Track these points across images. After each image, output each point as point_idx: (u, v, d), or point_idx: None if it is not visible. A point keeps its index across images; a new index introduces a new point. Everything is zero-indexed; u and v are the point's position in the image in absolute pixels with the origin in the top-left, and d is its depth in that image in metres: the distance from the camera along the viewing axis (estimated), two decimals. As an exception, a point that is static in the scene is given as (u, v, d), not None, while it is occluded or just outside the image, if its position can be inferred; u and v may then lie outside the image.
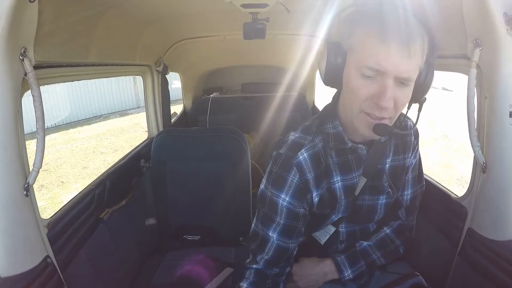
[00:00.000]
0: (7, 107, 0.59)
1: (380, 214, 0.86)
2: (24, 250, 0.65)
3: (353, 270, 0.84)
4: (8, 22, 0.56)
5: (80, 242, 0.91)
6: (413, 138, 0.84)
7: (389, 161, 0.81)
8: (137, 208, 1.29)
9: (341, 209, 0.80)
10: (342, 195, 0.78)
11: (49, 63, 0.77)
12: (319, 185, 0.76)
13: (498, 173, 0.71)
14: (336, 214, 0.81)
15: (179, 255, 1.28)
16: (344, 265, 0.84)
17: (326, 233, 0.86)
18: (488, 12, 0.63)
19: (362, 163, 0.76)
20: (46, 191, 4.48)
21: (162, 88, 1.67)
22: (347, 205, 0.79)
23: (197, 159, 1.36)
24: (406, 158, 0.84)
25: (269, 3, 1.03)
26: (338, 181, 0.77)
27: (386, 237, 0.89)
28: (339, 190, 0.78)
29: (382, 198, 0.83)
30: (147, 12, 1.16)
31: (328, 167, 0.76)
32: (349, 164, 0.76)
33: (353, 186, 0.78)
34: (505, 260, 0.70)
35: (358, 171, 0.77)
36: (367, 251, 0.87)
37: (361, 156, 0.76)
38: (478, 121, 0.75)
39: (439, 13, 0.78)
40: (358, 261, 0.85)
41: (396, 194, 0.83)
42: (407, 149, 0.83)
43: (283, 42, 1.76)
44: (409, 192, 0.89)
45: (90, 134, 7.21)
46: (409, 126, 0.84)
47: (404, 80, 0.62)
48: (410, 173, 0.87)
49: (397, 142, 0.83)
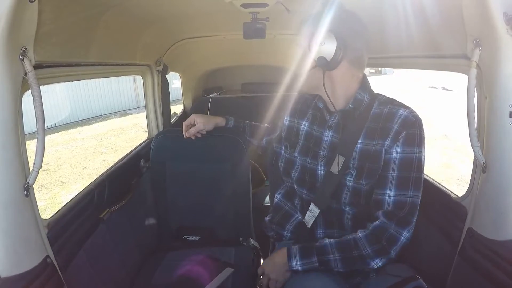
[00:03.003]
0: (7, 107, 0.59)
1: (347, 197, 0.87)
2: (24, 250, 0.65)
3: (303, 263, 0.85)
4: (8, 22, 0.56)
5: (80, 242, 0.91)
6: (396, 125, 0.79)
7: (360, 142, 0.84)
8: (137, 208, 1.29)
9: (298, 149, 0.98)
10: (302, 136, 0.98)
11: (49, 63, 0.77)
12: (293, 116, 1.04)
13: (498, 173, 0.71)
14: (296, 153, 0.98)
15: (179, 255, 1.28)
16: (294, 255, 0.87)
17: (312, 216, 0.93)
18: (488, 12, 0.63)
19: (325, 125, 0.92)
20: (46, 191, 4.48)
21: (162, 88, 1.67)
22: (302, 147, 0.97)
23: (196, 159, 1.36)
24: (379, 145, 0.81)
25: (269, 3, 1.03)
26: (305, 125, 0.99)
27: (352, 241, 0.82)
28: (302, 131, 0.99)
29: (348, 179, 0.85)
30: (147, 12, 1.16)
31: (304, 112, 1.01)
32: (316, 118, 0.97)
33: (310, 134, 0.96)
34: (505, 260, 0.70)
35: (322, 128, 0.93)
36: (325, 249, 0.84)
37: (324, 118, 0.93)
38: (478, 121, 0.75)
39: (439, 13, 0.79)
40: (310, 256, 0.85)
41: (361, 181, 0.84)
42: (385, 135, 0.80)
43: (283, 42, 1.76)
44: (392, 193, 0.80)
45: (90, 134, 7.21)
46: (397, 115, 0.80)
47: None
48: (394, 170, 0.80)
49: (372, 126, 0.84)
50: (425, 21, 0.82)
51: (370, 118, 0.85)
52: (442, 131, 6.20)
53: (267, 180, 2.08)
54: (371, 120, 0.85)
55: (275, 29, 1.45)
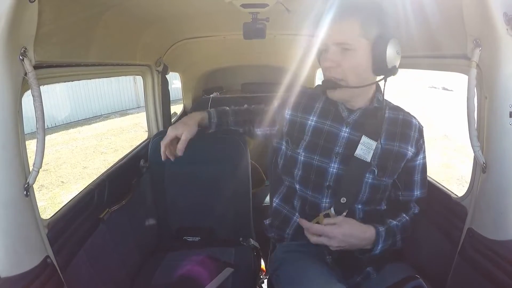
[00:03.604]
0: (7, 107, 0.59)
1: (365, 194, 0.87)
2: (24, 250, 0.65)
3: (383, 245, 0.83)
4: (8, 22, 0.56)
5: (80, 242, 0.91)
6: (416, 134, 0.89)
7: (382, 142, 0.86)
8: (137, 208, 1.29)
9: (303, 145, 0.90)
10: (309, 132, 0.91)
11: (49, 63, 0.77)
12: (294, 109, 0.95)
13: (498, 173, 0.71)
14: (299, 149, 0.91)
15: (179, 256, 1.28)
16: (381, 237, 0.83)
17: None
18: (488, 12, 0.63)
19: (343, 121, 0.89)
20: (46, 191, 4.48)
21: (162, 88, 1.67)
22: (308, 144, 0.90)
23: (196, 160, 1.36)
24: (403, 148, 0.87)
25: (269, 3, 1.03)
26: (312, 120, 0.92)
27: (407, 223, 0.90)
28: (308, 126, 0.91)
29: (368, 176, 0.86)
30: (147, 12, 1.16)
31: (310, 107, 0.93)
32: (328, 112, 0.91)
33: (320, 130, 0.90)
34: (505, 260, 0.70)
35: (338, 124, 0.89)
36: (394, 230, 0.87)
37: (340, 114, 0.89)
38: (478, 121, 0.75)
39: (439, 13, 0.79)
40: (389, 238, 0.85)
41: (384, 179, 0.87)
42: (406, 140, 0.88)
43: (283, 42, 1.76)
44: (418, 193, 0.92)
45: (90, 134, 7.21)
46: (413, 124, 0.90)
47: (343, 45, 0.78)
48: (419, 174, 0.91)
49: (391, 129, 0.88)
50: (425, 21, 0.82)
51: (387, 120, 0.89)
52: (442, 131, 6.20)
53: (267, 180, 2.08)
54: (389, 123, 0.89)
55: (275, 29, 1.45)
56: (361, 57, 0.78)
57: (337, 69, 0.80)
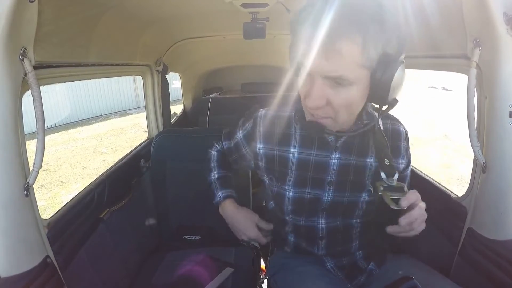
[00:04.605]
0: (7, 107, 0.59)
1: (361, 210, 0.81)
2: (24, 250, 0.65)
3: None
4: (8, 22, 0.56)
5: (80, 242, 0.91)
6: (404, 143, 0.82)
7: (371, 160, 0.78)
8: (137, 208, 1.29)
9: (291, 182, 0.79)
10: (293, 166, 0.79)
11: (49, 63, 0.77)
12: (267, 141, 0.82)
13: (498, 173, 0.71)
14: (286, 186, 0.80)
15: (179, 255, 1.28)
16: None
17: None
18: (488, 12, 0.63)
19: (330, 147, 0.77)
20: (46, 191, 4.48)
21: (162, 88, 1.67)
22: (297, 179, 0.79)
23: (197, 159, 1.36)
24: (395, 163, 0.80)
25: (269, 3, 1.03)
26: (294, 152, 0.78)
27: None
28: (292, 160, 0.79)
29: (364, 196, 0.80)
30: (147, 12, 1.16)
31: (287, 136, 0.79)
32: (311, 141, 0.77)
33: (307, 161, 0.78)
34: (505, 260, 0.70)
35: (326, 151, 0.77)
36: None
37: (326, 140, 0.76)
38: (478, 121, 0.75)
39: (439, 13, 0.78)
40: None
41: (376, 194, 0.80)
42: (398, 153, 0.80)
43: (283, 42, 1.76)
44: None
45: (90, 134, 7.21)
46: (401, 132, 0.82)
47: (337, 79, 0.58)
48: (408, 179, 0.87)
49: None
50: (425, 21, 0.82)
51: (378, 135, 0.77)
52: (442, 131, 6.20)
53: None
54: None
55: (275, 29, 1.45)
56: (357, 91, 0.60)
57: (325, 108, 0.62)
